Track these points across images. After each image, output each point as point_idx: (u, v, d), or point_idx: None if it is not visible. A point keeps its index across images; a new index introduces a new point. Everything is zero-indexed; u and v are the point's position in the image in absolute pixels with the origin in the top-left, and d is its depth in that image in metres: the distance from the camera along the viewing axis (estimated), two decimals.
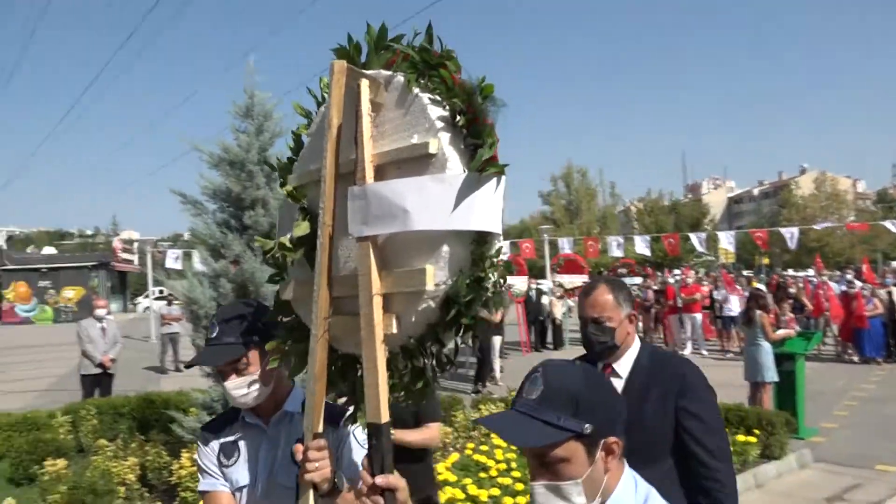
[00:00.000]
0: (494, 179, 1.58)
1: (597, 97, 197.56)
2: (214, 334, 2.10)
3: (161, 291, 28.57)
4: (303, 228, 1.85)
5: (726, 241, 21.74)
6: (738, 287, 17.66)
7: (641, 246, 21.59)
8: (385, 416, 1.62)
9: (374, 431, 1.62)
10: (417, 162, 1.60)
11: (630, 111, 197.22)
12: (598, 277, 2.61)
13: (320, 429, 1.78)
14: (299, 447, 1.77)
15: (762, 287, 16.59)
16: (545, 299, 18.53)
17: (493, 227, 1.59)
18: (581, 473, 1.35)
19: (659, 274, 23.54)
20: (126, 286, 49.82)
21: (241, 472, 2.11)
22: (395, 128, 1.67)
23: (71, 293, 40.10)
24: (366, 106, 1.67)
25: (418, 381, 1.68)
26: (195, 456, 2.24)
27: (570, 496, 1.36)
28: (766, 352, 8.59)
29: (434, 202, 1.55)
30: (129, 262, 47.58)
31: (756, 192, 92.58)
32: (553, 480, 1.36)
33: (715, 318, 17.63)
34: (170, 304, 16.85)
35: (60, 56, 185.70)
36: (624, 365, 2.43)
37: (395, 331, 1.63)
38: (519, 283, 17.46)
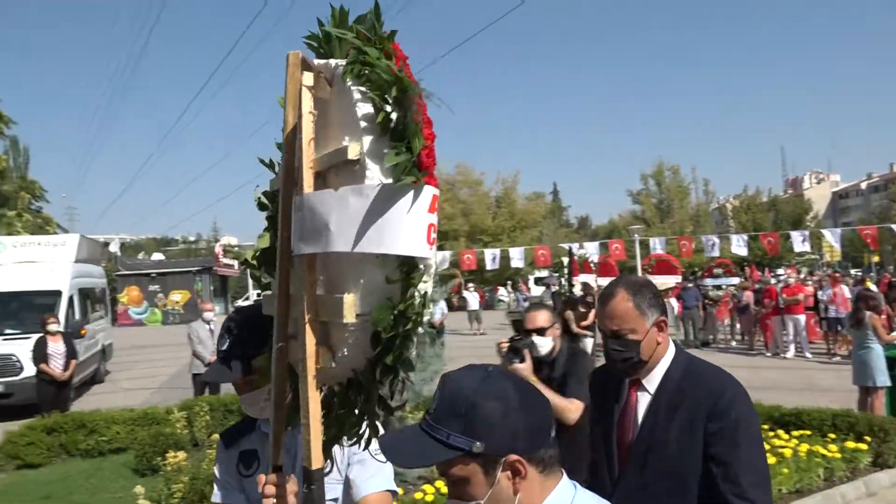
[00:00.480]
0: (411, 192, 1.33)
1: (688, 89, 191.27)
2: (225, 346, 1.92)
3: (259, 295, 29.90)
4: (265, 241, 1.69)
5: (832, 238, 20.68)
6: (843, 286, 16.73)
7: (738, 245, 20.84)
8: (317, 462, 1.45)
9: (306, 477, 1.47)
10: (347, 169, 1.42)
11: (724, 103, 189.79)
12: (616, 280, 2.24)
13: (280, 461, 1.63)
14: (262, 478, 1.62)
15: (873, 287, 15.67)
16: None
17: (416, 250, 1.34)
18: (482, 495, 1.22)
19: (759, 273, 22.64)
20: (227, 289, 52.30)
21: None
22: (336, 128, 1.47)
23: (178, 296, 42.51)
24: (307, 104, 1.49)
25: (361, 422, 1.54)
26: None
27: None
28: (878, 355, 8.17)
29: (352, 218, 1.35)
30: (230, 266, 49.96)
31: (864, 185, 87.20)
32: (457, 500, 1.25)
33: (820, 320, 16.81)
34: None
35: (165, 72, 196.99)
36: (653, 378, 2.08)
37: (331, 364, 1.47)
38: None
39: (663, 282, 18.90)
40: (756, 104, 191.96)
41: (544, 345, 3.58)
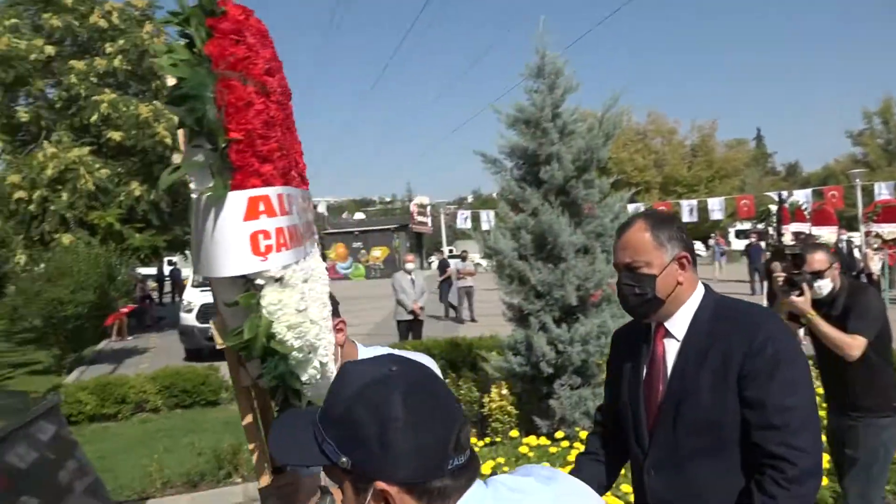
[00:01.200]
0: (216, 203, 1.17)
1: None
2: None
3: (451, 251, 31.07)
4: None
5: None
6: None
7: None
8: (263, 480, 1.41)
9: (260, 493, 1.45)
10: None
11: None
12: (637, 213, 2.02)
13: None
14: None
15: None
16: (858, 252, 16.46)
17: (238, 268, 1.21)
18: None
19: None
20: (422, 245, 54.92)
21: None
22: None
23: (378, 252, 45.46)
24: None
25: None
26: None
27: None
28: None
29: (194, 235, 1.24)
30: (423, 224, 52.36)
31: None
32: None
33: None
34: (464, 260, 18.28)
35: (358, 38, 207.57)
36: (679, 323, 1.85)
37: (249, 382, 1.42)
38: (827, 234, 15.74)
39: (892, 230, 16.87)
40: None
41: (824, 286, 3.56)
